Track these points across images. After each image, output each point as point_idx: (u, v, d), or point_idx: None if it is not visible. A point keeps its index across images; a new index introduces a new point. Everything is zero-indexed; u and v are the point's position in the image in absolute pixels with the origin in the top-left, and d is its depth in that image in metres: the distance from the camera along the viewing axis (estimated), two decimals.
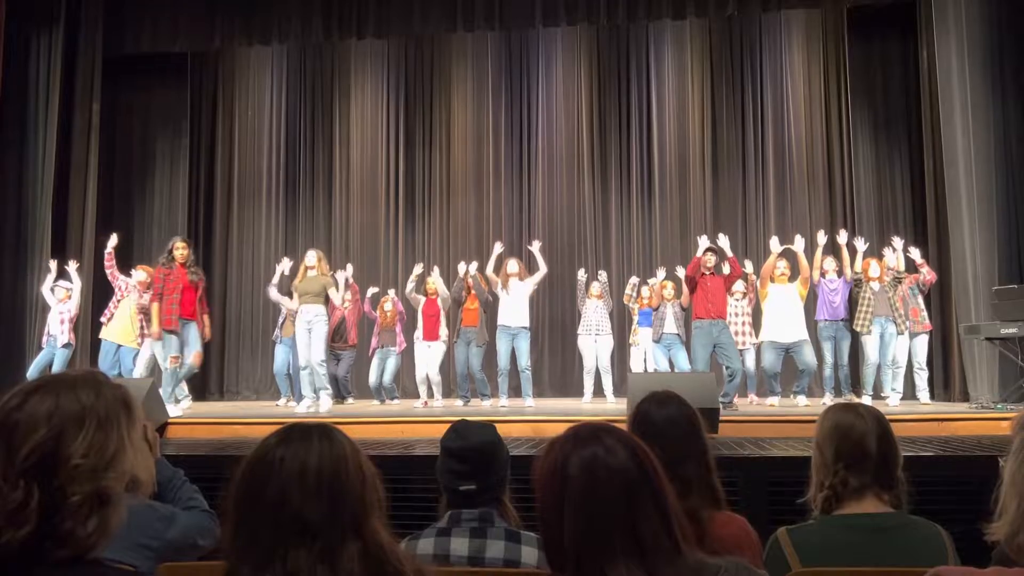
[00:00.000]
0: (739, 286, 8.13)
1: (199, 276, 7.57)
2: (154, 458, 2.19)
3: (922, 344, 7.68)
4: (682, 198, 10.73)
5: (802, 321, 7.66)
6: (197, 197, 11.13)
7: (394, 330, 9.03)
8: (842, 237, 7.96)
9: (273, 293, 8.80)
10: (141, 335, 8.12)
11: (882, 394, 7.58)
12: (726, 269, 7.56)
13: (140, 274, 8.13)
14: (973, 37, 7.88)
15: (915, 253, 7.98)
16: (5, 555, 1.09)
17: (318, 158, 11.43)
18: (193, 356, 7.40)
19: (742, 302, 8.37)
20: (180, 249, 7.41)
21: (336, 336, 8.87)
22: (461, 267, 8.48)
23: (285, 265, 8.42)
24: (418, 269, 8.83)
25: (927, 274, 7.86)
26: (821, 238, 7.94)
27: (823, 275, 7.97)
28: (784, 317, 7.60)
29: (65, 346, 8.10)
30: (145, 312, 7.90)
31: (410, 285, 8.69)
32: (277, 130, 11.53)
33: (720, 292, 7.34)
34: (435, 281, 8.60)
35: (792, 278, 7.83)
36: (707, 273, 7.32)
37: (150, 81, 10.75)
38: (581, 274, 9.14)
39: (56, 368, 8.01)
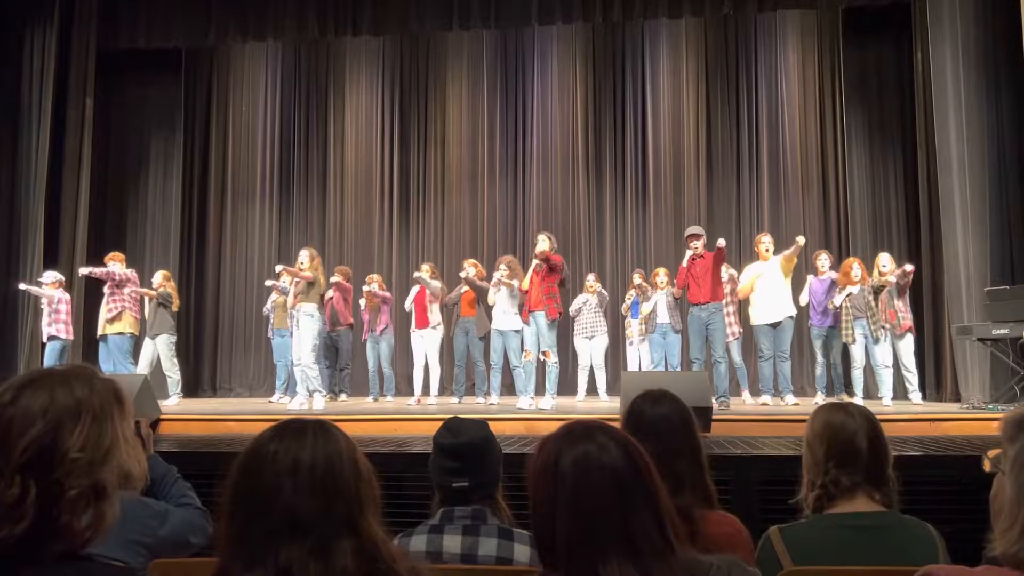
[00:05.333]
0: (723, 275, 7.75)
1: None
2: (148, 454, 2.19)
3: (906, 346, 7.59)
4: (676, 198, 10.73)
5: (788, 298, 7.68)
6: (191, 193, 11.10)
7: (379, 310, 9.12)
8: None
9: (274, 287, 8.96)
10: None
11: (878, 395, 7.60)
12: (721, 241, 7.29)
13: (118, 265, 8.20)
14: (967, 40, 7.91)
15: (884, 258, 7.74)
16: (2, 550, 1.09)
17: (312, 155, 11.40)
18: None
19: (725, 288, 7.97)
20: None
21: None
22: (462, 274, 8.38)
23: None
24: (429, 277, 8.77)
25: (899, 274, 7.56)
26: (824, 261, 7.96)
27: (818, 274, 8.02)
28: (769, 295, 7.62)
29: (53, 339, 8.09)
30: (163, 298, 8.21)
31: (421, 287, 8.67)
32: (272, 127, 11.51)
33: (707, 274, 7.18)
34: (421, 277, 8.54)
35: (776, 253, 7.84)
36: (696, 259, 7.25)
37: (144, 77, 10.72)
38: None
39: (47, 362, 8.00)
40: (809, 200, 10.42)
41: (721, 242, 7.19)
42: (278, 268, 7.88)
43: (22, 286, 8.32)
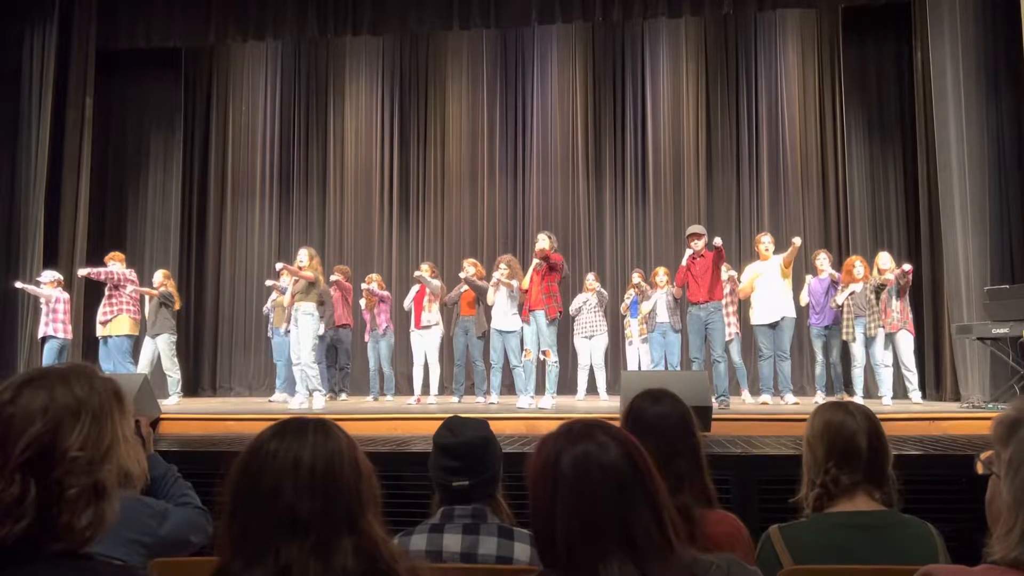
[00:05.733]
0: (723, 275, 7.73)
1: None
2: (148, 454, 2.19)
3: (906, 345, 7.47)
4: (676, 197, 10.73)
5: (787, 298, 7.68)
6: (191, 193, 11.10)
7: (375, 311, 9.15)
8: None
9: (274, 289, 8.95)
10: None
11: (878, 394, 7.60)
12: (717, 240, 7.29)
13: (118, 265, 8.19)
14: (967, 39, 7.90)
15: (884, 257, 7.69)
16: (1, 549, 1.09)
17: (312, 155, 11.40)
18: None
19: (725, 288, 7.94)
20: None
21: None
22: (462, 274, 8.36)
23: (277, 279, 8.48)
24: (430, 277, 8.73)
25: (898, 274, 7.44)
26: (823, 260, 7.96)
27: (817, 274, 8.03)
28: (769, 295, 7.62)
29: (51, 338, 8.06)
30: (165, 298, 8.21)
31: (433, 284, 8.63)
32: (271, 126, 11.51)
33: (707, 274, 7.20)
34: (422, 276, 8.54)
35: (777, 253, 7.84)
36: (696, 259, 7.27)
37: (144, 76, 10.71)
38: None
39: (46, 361, 7.98)
40: (809, 199, 10.42)
41: (717, 241, 7.19)
42: (278, 266, 7.85)
43: (18, 284, 8.29)
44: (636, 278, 8.88)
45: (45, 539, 1.11)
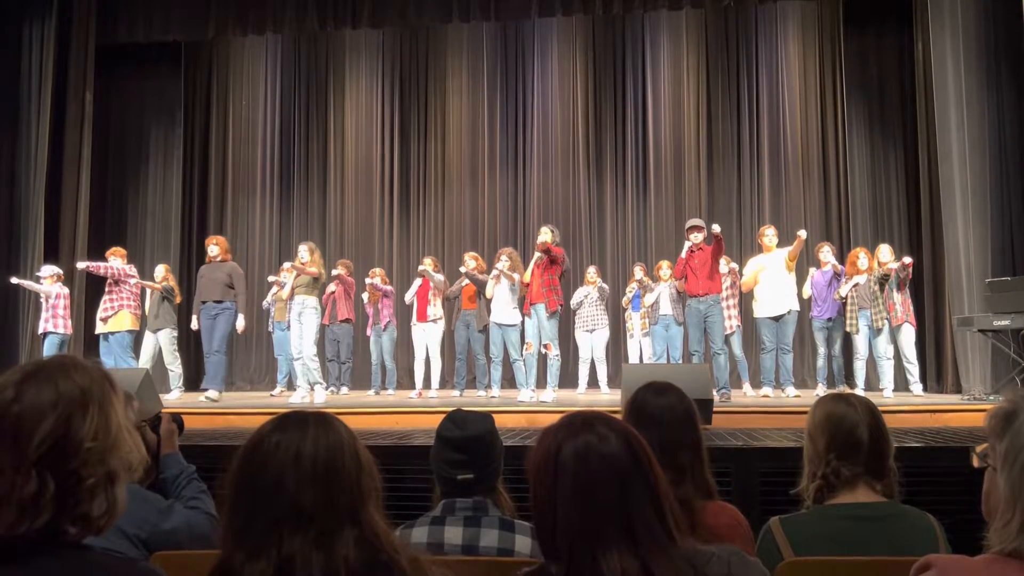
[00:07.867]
0: (723, 267, 7.74)
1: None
2: (171, 452, 2.19)
3: (907, 337, 7.48)
4: (677, 190, 10.73)
5: (792, 292, 7.67)
6: (191, 188, 11.10)
7: (378, 305, 9.17)
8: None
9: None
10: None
11: (879, 387, 7.60)
12: (716, 228, 7.22)
13: (118, 260, 8.17)
14: (968, 30, 7.88)
15: (884, 250, 7.73)
16: (19, 545, 1.09)
17: (313, 149, 11.40)
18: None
19: (725, 281, 7.97)
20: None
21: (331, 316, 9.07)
22: (462, 268, 8.30)
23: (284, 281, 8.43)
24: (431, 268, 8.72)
25: (899, 267, 7.44)
26: (827, 253, 7.94)
27: (820, 266, 8.01)
28: (773, 288, 7.61)
29: (51, 334, 8.03)
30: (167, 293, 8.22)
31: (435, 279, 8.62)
32: (272, 120, 11.50)
33: (705, 267, 7.20)
34: (426, 271, 8.53)
35: (780, 245, 7.83)
36: (695, 251, 7.28)
37: (144, 71, 10.69)
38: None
39: (47, 355, 7.93)
40: (810, 190, 10.41)
41: (716, 228, 7.15)
42: (286, 265, 7.87)
43: (14, 280, 8.26)
44: (638, 272, 8.89)
45: (62, 531, 1.11)
